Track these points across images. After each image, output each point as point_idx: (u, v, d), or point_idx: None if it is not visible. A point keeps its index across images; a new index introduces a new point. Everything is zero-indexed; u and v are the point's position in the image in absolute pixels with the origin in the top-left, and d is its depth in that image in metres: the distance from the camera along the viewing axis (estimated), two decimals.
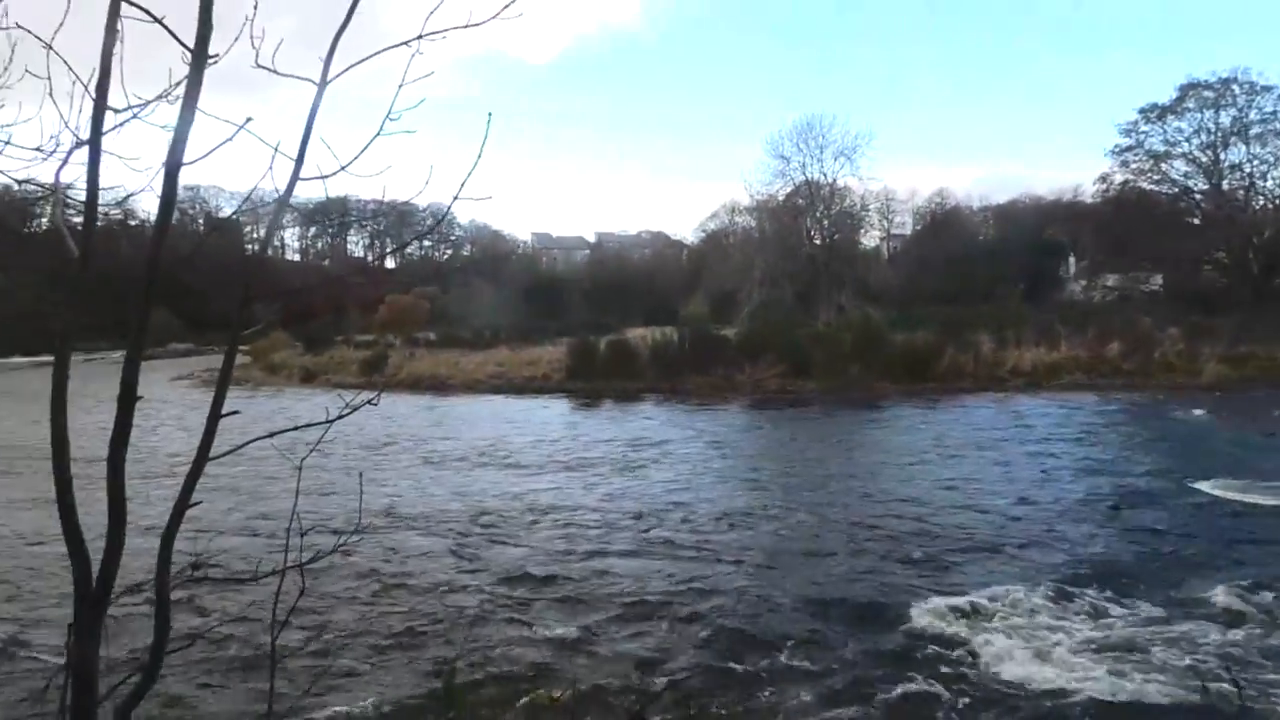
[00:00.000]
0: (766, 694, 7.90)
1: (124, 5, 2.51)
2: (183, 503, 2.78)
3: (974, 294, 60.35)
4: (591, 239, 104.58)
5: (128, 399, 2.55)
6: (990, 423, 25.06)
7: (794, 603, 10.25)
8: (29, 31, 2.57)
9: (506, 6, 2.86)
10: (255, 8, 2.99)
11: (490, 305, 72.65)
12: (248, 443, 3.15)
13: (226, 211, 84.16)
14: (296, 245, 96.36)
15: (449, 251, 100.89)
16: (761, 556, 12.24)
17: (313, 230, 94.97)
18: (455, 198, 2.79)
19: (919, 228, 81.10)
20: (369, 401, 3.41)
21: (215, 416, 2.77)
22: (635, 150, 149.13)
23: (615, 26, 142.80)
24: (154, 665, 2.76)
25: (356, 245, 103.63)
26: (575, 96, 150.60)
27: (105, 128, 2.68)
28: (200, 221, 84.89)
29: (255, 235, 78.44)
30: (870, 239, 75.33)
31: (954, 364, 34.24)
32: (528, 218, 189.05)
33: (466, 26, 2.90)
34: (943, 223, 77.84)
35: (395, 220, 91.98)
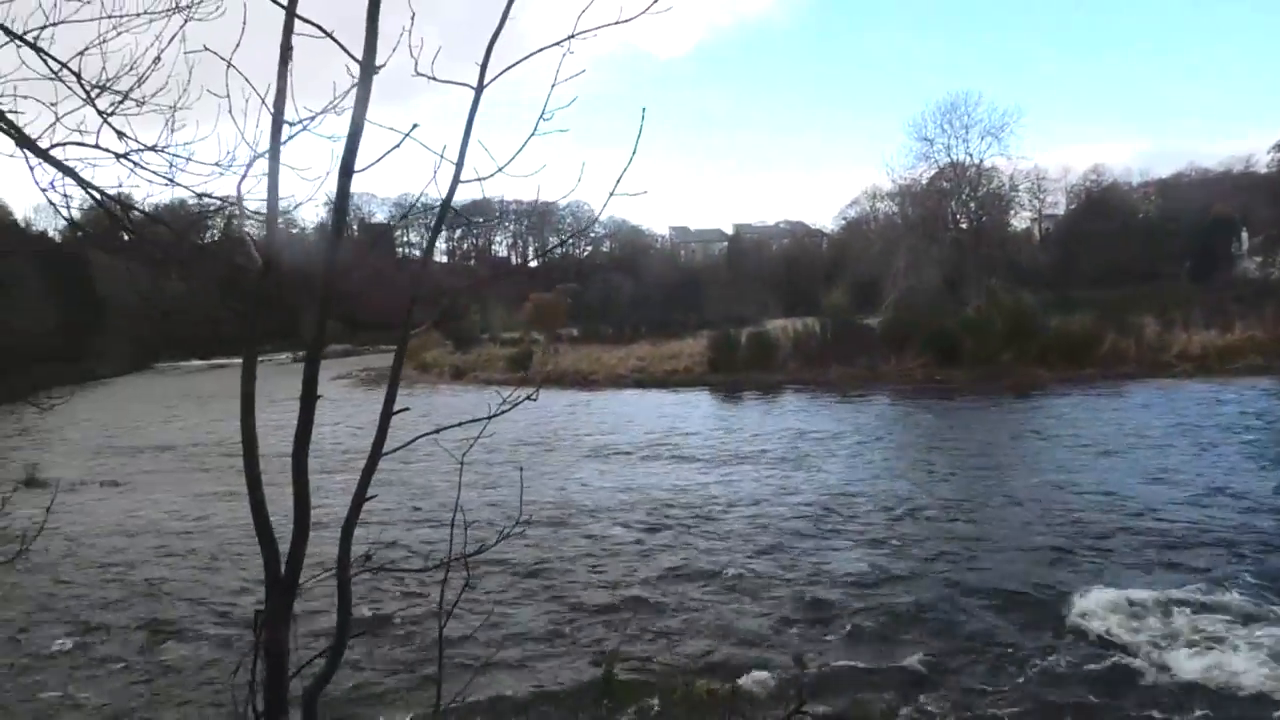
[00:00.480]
0: (939, 693, 7.65)
1: (297, 23, 2.64)
2: (360, 496, 2.91)
3: (1134, 275, 57.03)
4: (729, 231, 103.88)
5: (309, 399, 2.69)
6: (1175, 409, 23.20)
7: (992, 599, 9.80)
8: (216, 54, 2.72)
9: (655, 1, 2.87)
10: (413, 18, 3.09)
11: (629, 300, 73.41)
12: (415, 439, 3.26)
13: (379, 217, 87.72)
14: (444, 247, 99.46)
15: (588, 248, 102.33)
16: (956, 549, 11.78)
17: (459, 232, 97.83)
18: (611, 194, 2.82)
19: (1073, 207, 77.15)
20: (528, 397, 3.49)
21: (387, 414, 2.89)
22: (772, 140, 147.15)
23: (750, 16, 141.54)
24: (337, 650, 2.90)
25: (500, 245, 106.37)
26: (711, 88, 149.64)
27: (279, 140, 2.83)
28: (354, 227, 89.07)
29: (405, 239, 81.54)
30: (1020, 220, 72.13)
31: (1115, 349, 32.36)
32: (665, 212, 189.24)
33: (617, 23, 2.92)
34: (1099, 200, 73.68)
35: (537, 219, 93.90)
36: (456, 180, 2.86)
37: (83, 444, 25.67)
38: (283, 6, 2.60)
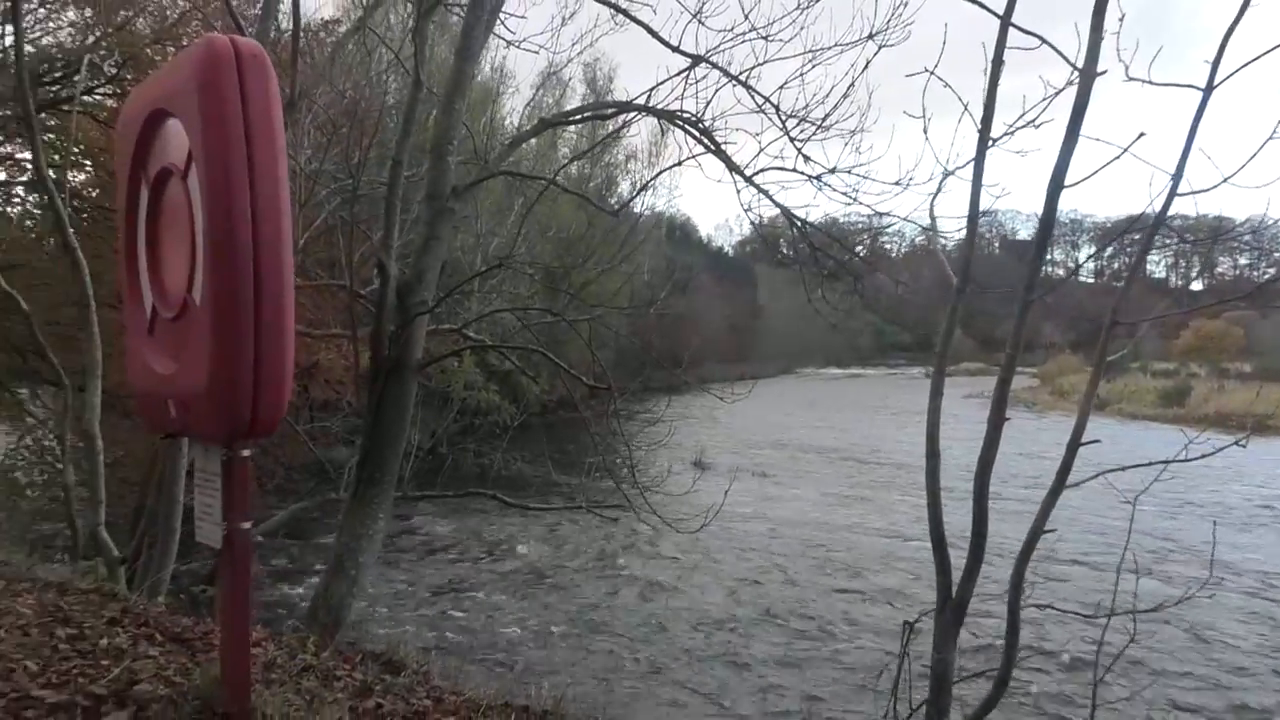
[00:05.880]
0: None
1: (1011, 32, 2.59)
2: (1038, 527, 2.79)
3: None
4: None
5: (996, 421, 2.64)
6: None
7: None
8: (932, 74, 2.78)
9: None
10: (1121, 19, 2.86)
11: None
12: (1096, 475, 3.01)
13: (1023, 235, 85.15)
14: (1090, 266, 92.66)
15: (1269, 270, 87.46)
16: None
17: (1108, 250, 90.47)
18: None
19: None
20: (1237, 443, 3.04)
21: (1075, 444, 2.71)
22: None
23: None
24: (1003, 680, 2.81)
25: (1158, 265, 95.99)
26: None
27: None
28: (996, 245, 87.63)
29: (1049, 256, 77.56)
30: None
31: None
32: None
33: None
34: None
35: (1206, 235, 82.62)
36: (1173, 193, 2.58)
37: (738, 435, 28.86)
38: (997, 15, 2.57)
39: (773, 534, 15.19)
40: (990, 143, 2.73)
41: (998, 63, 2.65)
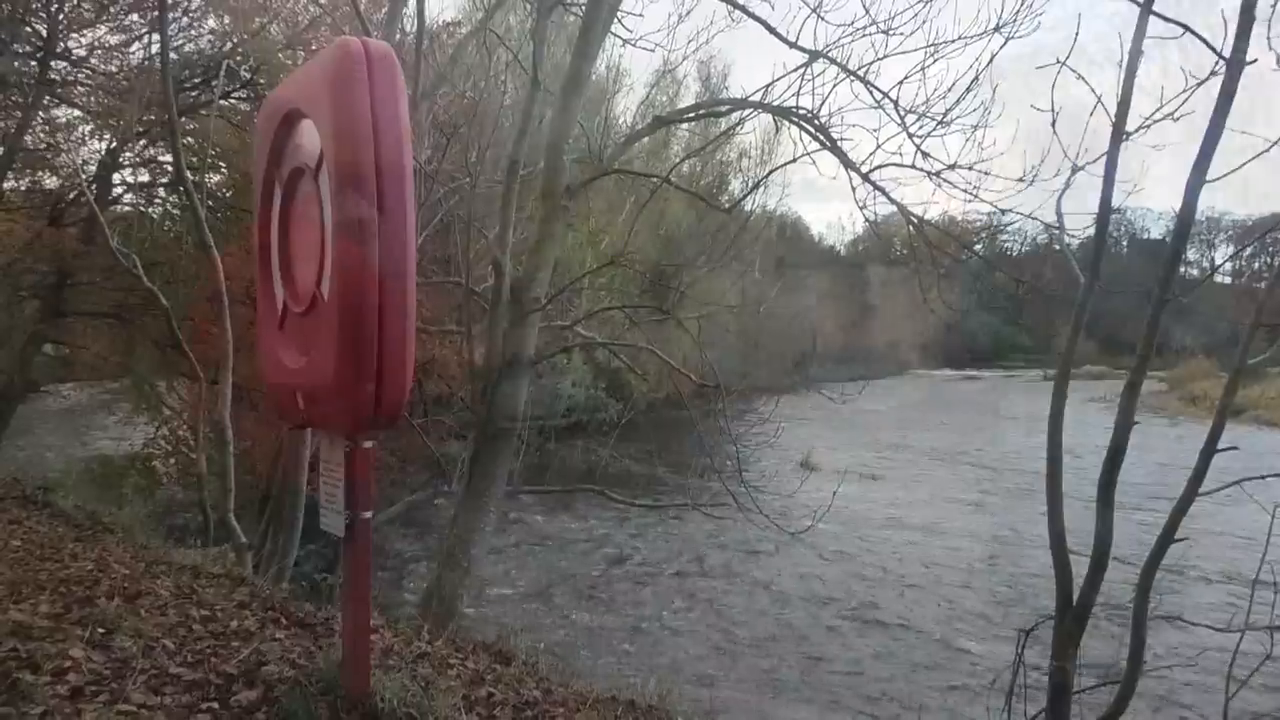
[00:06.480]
0: None
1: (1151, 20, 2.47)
2: (1167, 535, 2.66)
3: None
4: None
5: (1124, 425, 2.52)
6: None
7: None
8: (1064, 65, 2.68)
9: None
10: (1275, 6, 2.72)
11: None
12: (1233, 483, 2.87)
13: (1155, 233, 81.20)
14: (1228, 266, 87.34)
15: None
16: None
17: (1248, 250, 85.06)
18: None
19: None
20: None
21: (1209, 450, 2.58)
22: None
23: None
24: (1126, 692, 2.69)
25: None
26: None
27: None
28: (1124, 244, 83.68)
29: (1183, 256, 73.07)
30: None
31: None
32: None
33: None
34: None
35: None
36: None
37: (849, 436, 28.32)
38: (1137, 3, 2.46)
39: (888, 538, 14.89)
40: (1125, 136, 2.62)
41: (1135, 53, 2.53)
